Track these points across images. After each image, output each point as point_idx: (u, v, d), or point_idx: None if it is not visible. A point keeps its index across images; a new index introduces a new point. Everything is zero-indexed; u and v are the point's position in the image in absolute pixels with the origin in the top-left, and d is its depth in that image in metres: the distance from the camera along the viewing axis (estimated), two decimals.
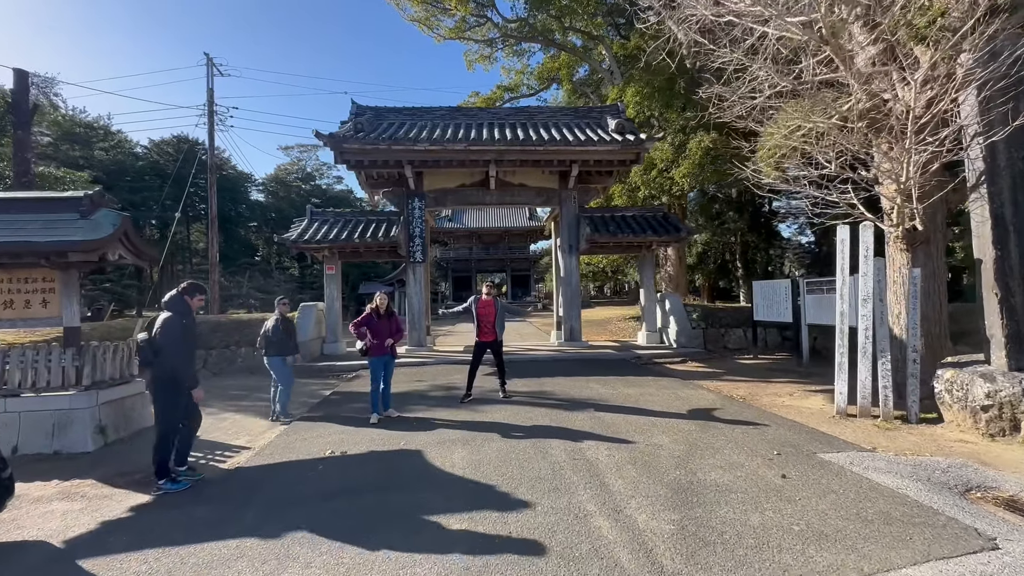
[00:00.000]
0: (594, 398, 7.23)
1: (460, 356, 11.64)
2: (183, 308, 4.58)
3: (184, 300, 4.62)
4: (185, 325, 4.50)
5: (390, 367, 6.56)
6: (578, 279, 13.29)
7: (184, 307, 4.60)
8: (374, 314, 6.38)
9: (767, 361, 11.03)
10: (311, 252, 12.59)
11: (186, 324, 4.52)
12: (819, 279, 9.65)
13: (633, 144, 11.60)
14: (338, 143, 11.19)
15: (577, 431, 5.46)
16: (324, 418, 6.75)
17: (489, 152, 11.62)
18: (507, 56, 25.39)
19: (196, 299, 4.76)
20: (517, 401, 7.19)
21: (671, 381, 8.66)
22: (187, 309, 4.63)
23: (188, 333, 4.55)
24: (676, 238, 12.63)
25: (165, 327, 4.40)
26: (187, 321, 4.56)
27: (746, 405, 6.84)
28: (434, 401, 7.42)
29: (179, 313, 4.51)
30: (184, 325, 4.49)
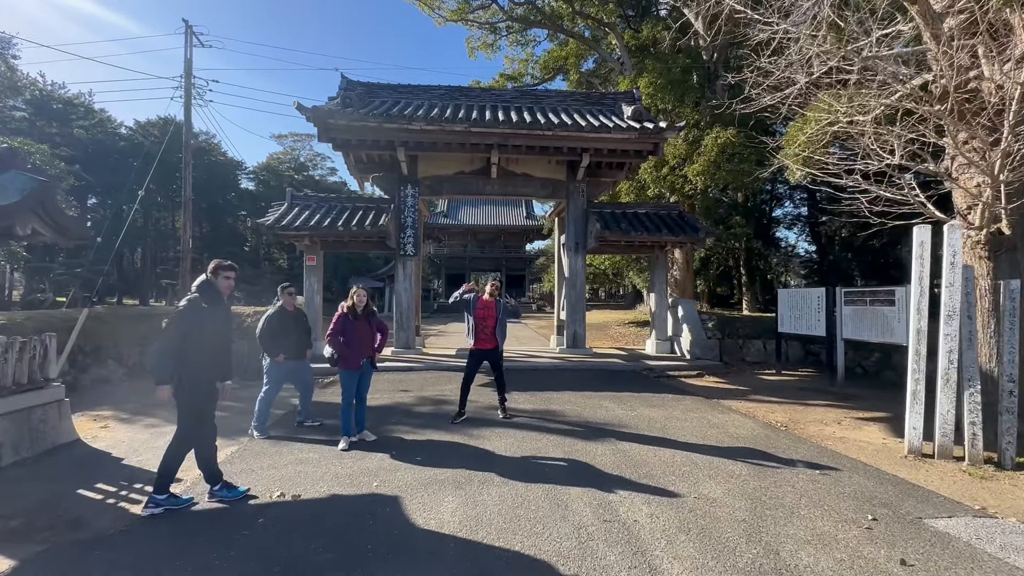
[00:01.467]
0: (612, 422, 6.06)
1: (452, 362, 10.44)
2: (203, 288, 3.85)
3: (208, 282, 3.89)
4: (204, 310, 3.75)
5: (366, 379, 5.34)
6: (584, 280, 12.15)
7: (203, 286, 3.85)
8: (349, 314, 5.16)
9: (793, 378, 9.94)
10: (290, 240, 11.33)
11: (206, 309, 3.76)
12: (861, 289, 8.57)
13: (652, 133, 10.46)
14: (322, 118, 9.94)
15: (600, 472, 4.29)
16: (285, 437, 5.54)
17: (492, 135, 10.42)
18: (511, 44, 24.24)
19: (223, 279, 3.95)
20: (520, 424, 6.00)
21: (695, 401, 7.52)
22: (210, 291, 3.86)
23: (204, 319, 3.74)
24: (693, 239, 11.52)
25: (175, 311, 3.78)
26: (208, 304, 3.79)
27: (794, 437, 5.71)
28: (420, 419, 6.21)
29: (198, 294, 3.80)
30: (201, 310, 3.74)
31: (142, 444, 5.39)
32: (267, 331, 5.80)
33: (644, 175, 17.14)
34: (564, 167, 12.15)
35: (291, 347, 5.90)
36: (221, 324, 3.95)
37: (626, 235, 11.20)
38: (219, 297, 3.90)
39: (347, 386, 5.15)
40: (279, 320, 5.87)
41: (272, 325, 5.82)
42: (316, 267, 11.65)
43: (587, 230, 11.90)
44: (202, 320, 3.72)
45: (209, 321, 3.77)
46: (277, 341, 5.82)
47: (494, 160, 11.19)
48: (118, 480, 4.33)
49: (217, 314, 3.85)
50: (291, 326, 5.94)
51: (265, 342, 5.81)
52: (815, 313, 9.38)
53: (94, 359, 9.11)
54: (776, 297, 28.24)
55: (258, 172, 51.61)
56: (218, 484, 3.90)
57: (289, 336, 5.89)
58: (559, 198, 12.48)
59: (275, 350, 5.80)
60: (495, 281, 6.61)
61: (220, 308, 3.90)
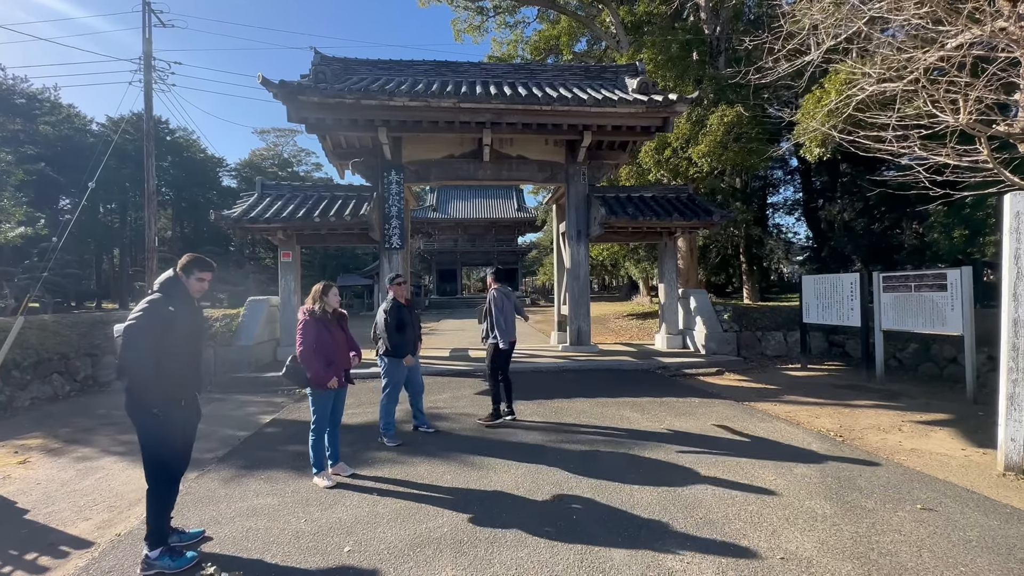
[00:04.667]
0: (640, 438, 5.07)
1: (446, 365, 9.40)
2: (174, 290, 3.05)
3: (178, 280, 3.09)
4: (170, 314, 2.93)
5: (341, 398, 4.29)
6: (588, 271, 11.15)
7: (175, 289, 3.06)
8: (316, 318, 4.07)
9: (822, 374, 9.03)
10: (260, 234, 10.18)
11: (173, 313, 2.94)
12: (904, 273, 7.65)
13: (662, 105, 9.43)
14: (292, 94, 8.78)
15: (645, 520, 3.28)
16: (245, 469, 4.50)
17: (484, 111, 9.33)
18: (499, 27, 23.06)
19: (195, 279, 3.14)
20: (532, 446, 4.98)
21: (727, 407, 6.56)
22: (179, 292, 3.06)
23: (174, 325, 2.94)
24: (706, 223, 10.54)
25: (135, 315, 2.87)
26: (176, 308, 2.97)
27: (860, 452, 4.75)
28: (409, 444, 5.17)
29: (166, 296, 2.99)
30: (166, 315, 2.92)
31: (61, 488, 4.31)
32: (391, 327, 5.11)
33: (645, 159, 16.14)
34: (563, 148, 11.10)
35: (411, 344, 5.29)
36: (194, 333, 3.12)
37: (633, 220, 10.20)
38: (190, 299, 3.08)
39: (321, 410, 4.09)
40: (397, 314, 5.18)
41: (392, 320, 5.13)
42: (292, 264, 10.52)
43: (590, 216, 10.89)
44: (171, 326, 2.89)
45: (180, 327, 2.95)
46: (402, 338, 5.17)
47: (486, 141, 10.11)
48: (8, 546, 3.26)
49: (189, 319, 3.02)
50: (408, 320, 5.26)
51: (392, 338, 5.13)
52: (847, 301, 8.46)
53: (35, 374, 7.94)
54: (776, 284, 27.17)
55: (240, 169, 50.08)
56: (157, 550, 2.89)
57: (407, 332, 5.22)
58: (558, 182, 11.44)
59: (402, 349, 5.16)
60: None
61: (192, 312, 3.07)
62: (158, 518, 2.92)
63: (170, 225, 45.83)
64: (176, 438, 3.00)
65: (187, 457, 3.19)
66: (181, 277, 3.07)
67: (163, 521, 2.95)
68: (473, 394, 7.28)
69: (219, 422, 6.42)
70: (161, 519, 2.94)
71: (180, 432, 3.03)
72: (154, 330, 2.84)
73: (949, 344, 8.19)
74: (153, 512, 2.91)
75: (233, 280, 36.52)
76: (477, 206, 43.41)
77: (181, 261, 3.09)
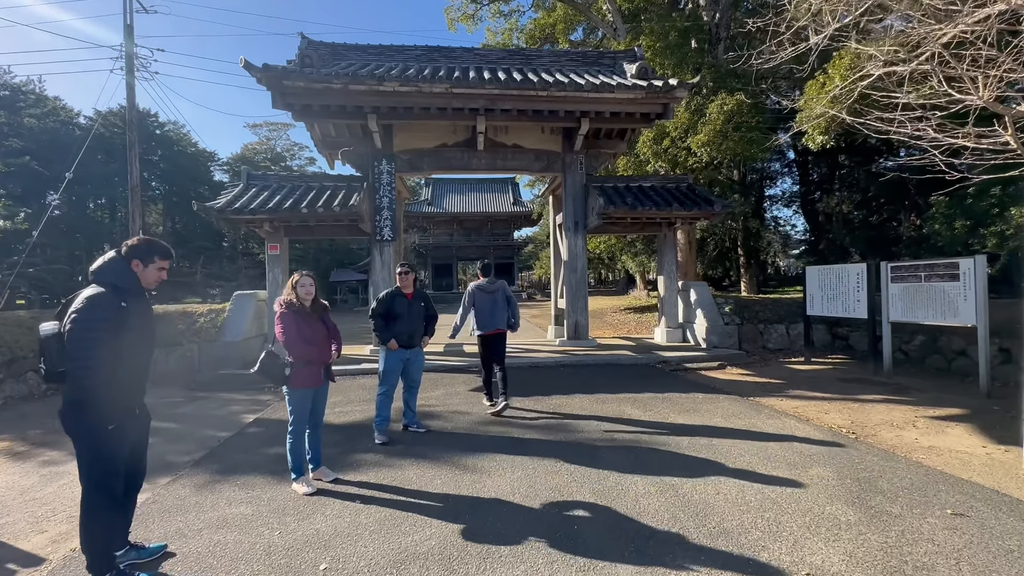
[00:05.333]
0: (643, 438, 4.79)
1: (439, 360, 9.09)
2: (124, 280, 2.63)
3: (126, 267, 2.65)
4: (124, 312, 2.54)
5: (322, 397, 3.97)
6: (585, 264, 10.84)
7: (125, 278, 2.63)
8: (293, 310, 3.75)
9: (827, 367, 8.78)
10: (246, 226, 9.81)
11: (125, 309, 2.55)
12: (913, 263, 7.38)
13: (662, 91, 9.10)
14: (276, 79, 8.40)
15: (653, 529, 2.99)
16: (220, 473, 4.19)
17: (478, 97, 8.97)
18: (493, 16, 22.60)
19: (152, 268, 2.73)
20: (528, 444, 4.69)
21: (731, 402, 6.28)
22: (130, 283, 2.65)
23: (128, 324, 2.55)
24: (707, 213, 10.24)
25: (80, 312, 2.46)
26: (129, 303, 2.58)
27: (876, 451, 4.48)
28: (397, 442, 4.87)
29: (113, 289, 2.56)
30: (120, 312, 2.53)
31: (20, 496, 3.98)
32: (377, 314, 5.06)
33: (643, 149, 15.82)
34: (560, 137, 10.77)
35: (402, 335, 5.02)
36: (149, 331, 2.78)
37: (632, 211, 9.88)
38: (141, 291, 2.69)
39: (299, 410, 3.78)
40: (388, 303, 5.05)
41: (380, 308, 5.06)
42: (280, 257, 10.16)
43: (587, 207, 10.57)
44: (126, 325, 2.53)
45: (135, 327, 2.58)
46: (387, 327, 5.02)
47: (480, 129, 9.77)
48: None
49: (143, 316, 2.67)
50: (402, 311, 5.03)
51: (376, 324, 5.08)
52: (853, 292, 8.19)
53: (8, 372, 7.59)
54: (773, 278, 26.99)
55: (232, 163, 49.38)
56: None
57: (397, 324, 5.00)
58: (554, 172, 11.10)
59: (384, 336, 4.99)
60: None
61: (145, 307, 2.70)
62: (101, 543, 2.58)
63: (161, 220, 45.19)
64: (127, 453, 2.67)
65: (143, 470, 2.87)
66: (136, 266, 2.70)
67: (107, 545, 2.61)
68: (467, 391, 6.98)
69: (200, 422, 6.11)
70: (105, 544, 2.60)
71: (132, 445, 2.70)
72: (109, 332, 2.48)
73: (957, 336, 7.95)
74: (93, 539, 2.55)
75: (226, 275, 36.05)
76: (473, 200, 43.08)
77: (130, 243, 2.70)
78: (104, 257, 2.66)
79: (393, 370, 4.99)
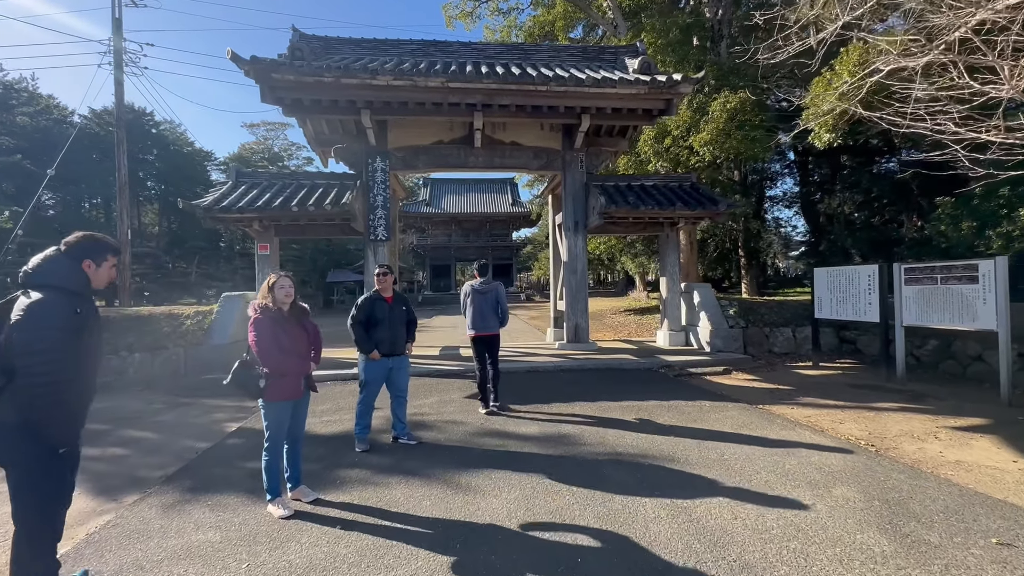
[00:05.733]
0: (650, 452, 4.46)
1: (434, 365, 8.77)
2: (75, 283, 2.31)
3: (77, 267, 2.33)
4: (78, 318, 2.24)
5: (302, 409, 3.64)
6: (585, 264, 10.52)
7: (76, 281, 2.31)
8: (267, 315, 3.42)
9: (836, 372, 8.48)
10: (235, 225, 9.48)
11: (80, 316, 2.25)
12: (929, 264, 7.08)
13: (665, 86, 8.79)
14: (265, 72, 8.07)
15: (668, 563, 2.66)
16: (192, 492, 3.86)
17: (475, 92, 8.66)
18: (492, 14, 22.33)
19: (105, 267, 2.42)
20: (526, 460, 4.36)
21: (740, 411, 5.97)
22: (82, 286, 2.34)
23: (83, 334, 2.27)
24: (712, 213, 9.93)
25: (28, 320, 2.13)
26: (83, 310, 2.27)
27: (900, 467, 4.16)
28: (385, 457, 4.54)
29: (60, 293, 2.23)
30: (74, 319, 2.22)
31: None
32: (356, 320, 4.71)
33: (644, 148, 15.53)
34: (559, 134, 10.46)
35: (384, 343, 4.70)
36: (100, 339, 2.48)
37: (635, 210, 9.57)
38: (90, 293, 2.37)
39: (276, 426, 3.45)
40: (368, 308, 4.71)
41: (359, 314, 4.67)
42: (270, 257, 9.82)
43: (588, 206, 10.26)
44: (81, 334, 2.24)
45: (90, 335, 2.31)
46: (366, 335, 4.71)
47: (477, 125, 9.45)
48: None
49: (95, 321, 2.35)
50: (383, 316, 4.71)
51: (355, 332, 4.74)
52: (864, 295, 7.89)
53: None
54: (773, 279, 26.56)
55: (229, 163, 49.02)
56: None
57: (378, 330, 4.68)
58: (554, 170, 10.79)
59: (364, 346, 4.69)
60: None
61: (94, 311, 2.37)
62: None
63: (157, 220, 44.86)
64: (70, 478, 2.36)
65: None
66: (88, 266, 2.37)
67: None
68: (462, 397, 6.65)
69: (179, 431, 5.78)
70: None
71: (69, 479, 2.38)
72: (64, 344, 2.16)
73: (973, 341, 7.66)
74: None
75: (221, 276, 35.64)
76: (471, 200, 42.77)
77: (75, 240, 2.36)
78: (42, 256, 2.31)
79: (375, 380, 4.68)
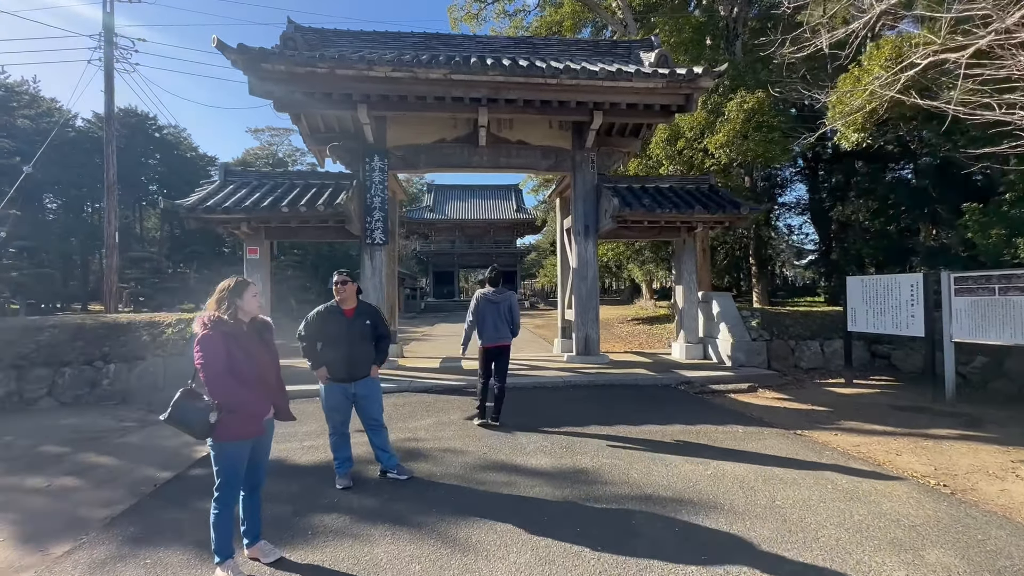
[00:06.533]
0: (684, 495, 3.73)
1: (434, 379, 8.07)
2: None
3: None
4: None
5: (264, 447, 2.95)
6: (596, 271, 9.84)
7: None
8: (222, 330, 2.74)
9: (871, 390, 7.74)
10: (221, 227, 8.84)
11: None
12: (984, 273, 6.36)
13: (685, 79, 8.15)
14: (254, 61, 7.48)
15: None
16: (132, 542, 3.18)
17: (480, 85, 8.05)
18: (498, 16, 21.87)
19: None
20: (537, 506, 3.65)
21: (776, 438, 5.24)
22: None
23: None
24: (733, 216, 9.24)
25: None
26: None
27: (992, 517, 3.44)
28: (369, 498, 3.84)
29: None
30: None
31: None
32: (305, 338, 3.97)
33: (656, 151, 14.92)
34: (569, 133, 9.83)
35: (336, 363, 3.95)
36: None
37: (650, 213, 8.90)
38: None
39: (230, 471, 2.74)
40: (319, 322, 3.98)
41: (309, 330, 3.98)
42: (260, 261, 9.20)
43: (599, 209, 9.59)
44: None
45: None
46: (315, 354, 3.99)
47: (482, 122, 8.84)
48: None
49: None
50: (339, 332, 3.95)
51: (305, 349, 3.99)
52: (906, 307, 7.17)
53: None
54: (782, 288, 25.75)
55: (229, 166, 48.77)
56: None
57: (332, 349, 3.93)
58: (563, 171, 10.15)
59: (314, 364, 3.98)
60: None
61: None
62: None
63: (159, 225, 44.55)
64: None
65: None
66: None
67: None
68: (463, 419, 5.95)
69: (143, 456, 5.11)
70: None
71: None
72: None
73: None
74: None
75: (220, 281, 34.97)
76: (475, 207, 42.20)
77: None
78: None
79: (336, 408, 3.95)
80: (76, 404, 7.66)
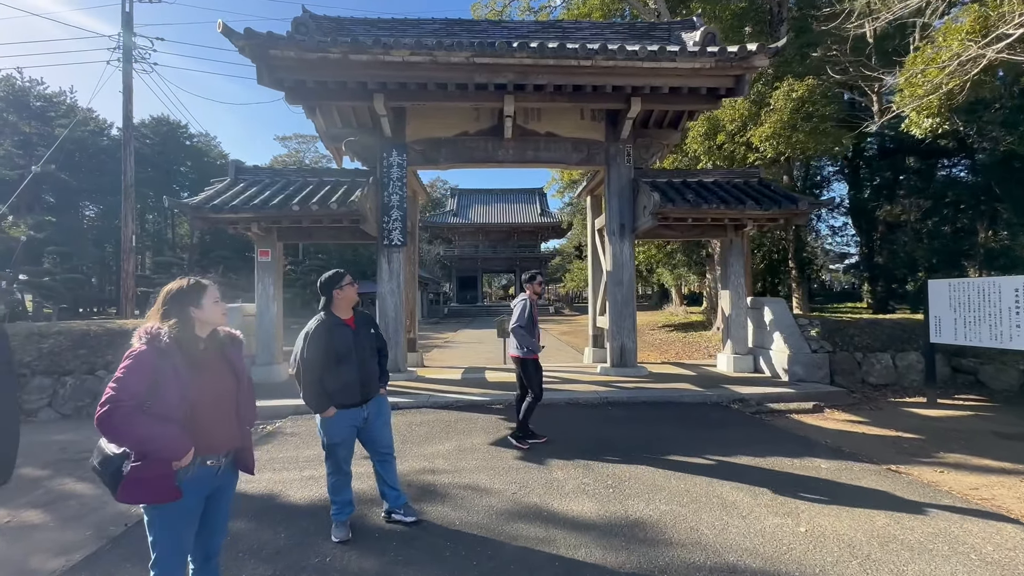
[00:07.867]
0: (780, 568, 2.86)
1: (455, 393, 7.31)
2: None
3: None
4: None
5: (221, 503, 2.22)
6: (633, 274, 8.94)
7: None
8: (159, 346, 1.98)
9: (961, 413, 6.62)
10: (231, 227, 8.30)
11: None
12: None
13: (737, 57, 7.24)
14: (262, 48, 6.92)
15: None
16: None
17: (505, 68, 7.31)
18: (522, 13, 21.27)
19: None
20: (581, 570, 2.84)
21: (872, 477, 4.27)
22: None
23: None
24: (790, 212, 8.22)
25: None
26: None
27: None
28: (369, 556, 3.08)
29: None
30: None
31: None
32: (309, 363, 3.05)
33: (693, 146, 13.92)
34: (602, 123, 9.00)
35: (348, 388, 3.14)
36: None
37: (695, 209, 7.97)
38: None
39: (169, 539, 1.99)
40: (325, 339, 3.09)
41: (313, 352, 3.05)
42: (272, 264, 8.64)
43: (637, 205, 8.72)
44: None
45: None
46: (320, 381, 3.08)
47: (508, 111, 8.09)
48: None
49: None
50: (348, 348, 3.14)
51: (306, 375, 3.07)
52: (1009, 315, 6.06)
53: None
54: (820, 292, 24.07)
55: None
56: None
57: (343, 371, 3.09)
58: (596, 165, 9.30)
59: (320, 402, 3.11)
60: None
61: None
62: None
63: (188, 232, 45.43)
64: None
65: None
66: None
67: None
68: (488, 444, 5.16)
69: None
70: None
71: None
72: None
73: None
74: None
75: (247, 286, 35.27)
76: (498, 211, 41.64)
77: None
78: None
79: (344, 441, 3.19)
80: (76, 416, 7.19)
